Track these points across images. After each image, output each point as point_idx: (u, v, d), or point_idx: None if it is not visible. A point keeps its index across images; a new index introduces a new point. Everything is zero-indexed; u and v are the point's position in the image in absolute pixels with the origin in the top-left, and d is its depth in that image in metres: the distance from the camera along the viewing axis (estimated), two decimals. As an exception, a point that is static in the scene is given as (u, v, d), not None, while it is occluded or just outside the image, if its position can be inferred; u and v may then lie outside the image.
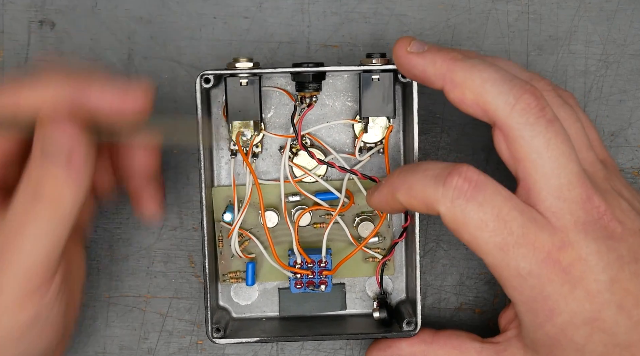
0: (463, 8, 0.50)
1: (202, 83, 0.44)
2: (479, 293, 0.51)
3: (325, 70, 0.44)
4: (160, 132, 0.43)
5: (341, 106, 0.47)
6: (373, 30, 0.50)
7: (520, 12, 0.50)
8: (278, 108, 0.47)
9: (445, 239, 0.51)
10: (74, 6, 0.50)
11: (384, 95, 0.45)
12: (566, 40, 0.50)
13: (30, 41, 0.50)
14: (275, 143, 0.48)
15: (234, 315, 0.49)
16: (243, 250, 0.48)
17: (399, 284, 0.49)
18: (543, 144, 0.39)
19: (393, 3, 0.50)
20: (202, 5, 0.50)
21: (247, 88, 0.44)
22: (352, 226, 0.48)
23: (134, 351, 0.51)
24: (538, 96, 0.39)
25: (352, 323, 0.48)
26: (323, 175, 0.47)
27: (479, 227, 0.38)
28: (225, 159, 0.48)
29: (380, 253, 0.48)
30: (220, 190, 0.47)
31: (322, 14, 0.50)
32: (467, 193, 0.38)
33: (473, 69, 0.40)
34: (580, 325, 0.39)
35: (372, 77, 0.45)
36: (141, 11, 0.50)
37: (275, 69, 0.45)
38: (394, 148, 0.48)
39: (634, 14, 0.50)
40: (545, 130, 0.39)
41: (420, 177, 0.40)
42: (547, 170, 0.39)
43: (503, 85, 0.39)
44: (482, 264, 0.51)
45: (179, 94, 0.50)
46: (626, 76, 0.50)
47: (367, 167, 0.48)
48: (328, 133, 0.48)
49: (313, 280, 0.47)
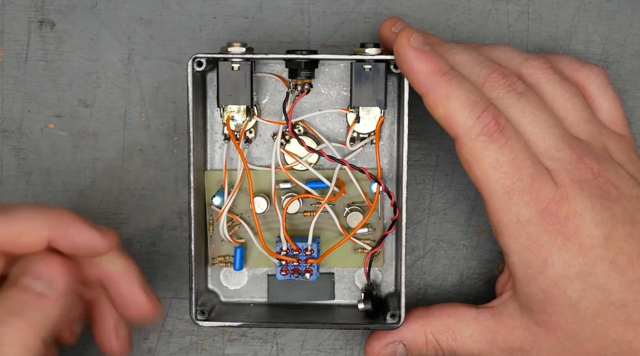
0: (463, 8, 0.50)
1: (194, 66, 0.44)
2: (479, 293, 0.51)
3: (316, 58, 0.44)
4: None
5: (336, 95, 0.47)
6: (373, 30, 0.50)
7: (520, 12, 0.50)
8: (273, 94, 0.47)
9: (445, 239, 0.51)
10: (74, 6, 0.50)
11: (375, 86, 0.44)
12: (566, 40, 0.50)
13: (30, 41, 0.50)
14: (270, 130, 0.48)
15: (222, 299, 0.49)
16: (233, 234, 0.47)
17: (389, 276, 0.49)
18: (519, 112, 0.42)
19: (393, 3, 0.50)
20: (202, 5, 0.50)
21: (239, 73, 0.44)
22: (342, 216, 0.48)
23: (134, 351, 0.51)
24: (506, 74, 0.42)
25: (340, 313, 0.48)
26: (315, 163, 0.47)
27: (493, 165, 0.40)
28: (219, 143, 0.48)
29: (370, 244, 0.47)
30: (213, 174, 0.48)
31: (322, 14, 0.50)
32: (493, 134, 0.40)
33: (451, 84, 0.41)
34: (573, 279, 0.40)
35: (365, 67, 0.44)
36: (141, 11, 0.50)
37: (267, 55, 0.44)
38: (388, 139, 0.47)
39: (634, 14, 0.50)
40: (517, 101, 0.42)
41: (463, 94, 0.40)
42: (530, 136, 0.41)
43: (473, 68, 0.43)
44: (482, 264, 0.51)
45: (179, 94, 0.50)
46: (626, 76, 0.50)
47: (359, 157, 0.48)
48: (322, 121, 0.48)
49: (298, 268, 0.46)
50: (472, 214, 0.51)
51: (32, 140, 0.51)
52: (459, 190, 0.51)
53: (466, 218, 0.51)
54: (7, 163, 0.51)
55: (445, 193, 0.51)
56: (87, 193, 0.51)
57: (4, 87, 0.51)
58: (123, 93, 0.50)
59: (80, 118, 0.51)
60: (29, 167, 0.51)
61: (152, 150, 0.51)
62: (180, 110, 0.50)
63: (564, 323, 0.41)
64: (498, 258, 0.51)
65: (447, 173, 0.50)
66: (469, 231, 0.51)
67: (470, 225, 0.51)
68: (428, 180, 0.50)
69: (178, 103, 0.50)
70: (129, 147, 0.51)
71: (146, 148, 0.51)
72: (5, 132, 0.51)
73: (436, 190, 0.51)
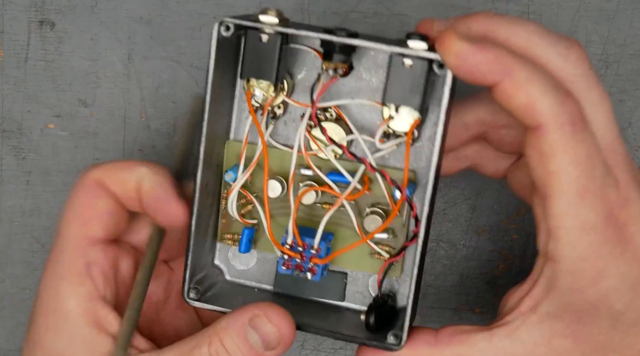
0: (463, 8, 0.50)
1: (220, 30, 0.39)
2: (479, 293, 0.51)
3: (352, 43, 0.38)
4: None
5: (378, 83, 0.41)
6: (373, 30, 0.50)
7: (520, 12, 0.50)
8: (310, 70, 0.42)
9: (445, 239, 0.51)
10: (74, 6, 0.50)
11: (413, 84, 0.39)
12: (566, 40, 0.50)
13: (30, 41, 0.50)
14: (301, 109, 0.42)
15: (227, 277, 0.45)
16: (246, 214, 0.43)
17: (405, 289, 0.43)
18: (597, 97, 0.37)
19: (393, 3, 0.50)
20: (202, 5, 0.50)
21: (268, 45, 0.39)
22: (364, 216, 0.42)
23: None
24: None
25: (346, 318, 0.44)
26: (342, 154, 0.41)
27: (573, 162, 0.35)
28: (247, 113, 0.43)
29: (389, 252, 0.42)
30: (234, 145, 0.43)
31: (322, 14, 0.50)
32: (576, 124, 0.35)
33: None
34: (626, 291, 0.37)
35: (404, 62, 0.38)
36: (141, 11, 0.50)
37: (301, 31, 0.39)
38: (428, 141, 0.41)
39: (634, 14, 0.50)
40: (597, 82, 0.37)
41: (543, 77, 0.35)
42: (600, 125, 0.37)
43: (549, 38, 0.37)
44: (482, 264, 0.51)
45: (179, 94, 0.50)
46: (626, 76, 0.50)
47: (392, 156, 0.42)
48: (358, 109, 0.42)
49: (302, 265, 0.42)
50: (472, 214, 0.51)
51: (32, 140, 0.51)
52: (459, 190, 0.51)
53: (466, 218, 0.51)
54: (7, 163, 0.51)
55: (445, 193, 0.51)
56: (87, 193, 0.51)
57: (4, 87, 0.51)
58: (123, 94, 0.51)
59: (80, 118, 0.51)
60: (29, 167, 0.51)
61: (152, 150, 0.51)
62: (180, 110, 0.50)
63: (596, 334, 0.37)
64: (498, 258, 0.51)
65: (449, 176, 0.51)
66: (469, 231, 0.51)
67: (470, 225, 0.51)
68: (428, 180, 0.50)
69: (178, 103, 0.50)
70: (129, 147, 0.51)
71: (146, 148, 0.51)
72: (5, 132, 0.51)
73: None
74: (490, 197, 0.50)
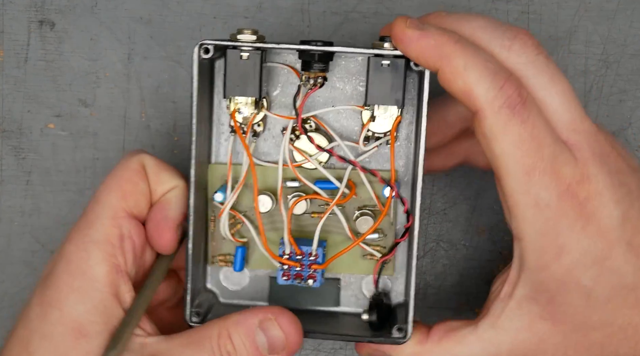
0: (463, 8, 0.50)
1: (200, 53, 0.41)
2: (479, 293, 0.51)
3: (331, 50, 0.41)
4: None
5: (352, 90, 0.44)
6: (373, 30, 0.50)
7: (520, 11, 0.50)
8: (285, 86, 0.44)
9: (445, 239, 0.51)
10: (74, 6, 0.50)
11: (393, 83, 0.41)
12: (566, 40, 0.50)
13: (30, 41, 0.50)
14: (280, 124, 0.44)
15: (221, 300, 0.46)
16: (235, 233, 0.45)
17: (399, 286, 0.45)
18: (547, 79, 0.38)
19: (393, 3, 0.50)
20: (202, 5, 0.50)
21: (248, 62, 0.41)
22: (352, 219, 0.44)
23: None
24: (531, 35, 0.39)
25: (344, 321, 0.45)
26: (325, 162, 0.44)
27: (514, 143, 0.37)
28: (226, 135, 0.44)
29: (380, 251, 0.44)
30: (217, 168, 0.44)
31: (322, 14, 0.50)
32: (516, 106, 0.37)
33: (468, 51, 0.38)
34: (589, 265, 0.37)
35: (382, 63, 0.41)
36: (141, 11, 0.50)
37: (279, 45, 0.41)
38: (405, 140, 0.44)
39: (634, 14, 0.50)
40: (547, 65, 0.39)
41: (481, 62, 0.37)
42: (555, 106, 0.38)
43: (495, 31, 0.39)
44: (482, 264, 0.51)
45: (179, 94, 0.50)
46: (626, 76, 0.50)
47: (373, 158, 0.44)
48: (336, 118, 0.44)
49: (301, 273, 0.43)
50: (472, 214, 0.51)
51: (32, 140, 0.51)
52: (459, 190, 0.51)
53: (466, 218, 0.51)
54: (7, 163, 0.51)
55: (445, 193, 0.51)
56: (87, 193, 0.51)
57: (4, 87, 0.51)
58: (123, 94, 0.51)
59: (80, 118, 0.51)
60: (29, 167, 0.51)
61: (152, 150, 0.51)
62: (180, 110, 0.50)
63: (572, 314, 0.38)
64: (498, 258, 0.51)
65: (447, 173, 0.50)
66: (469, 231, 0.51)
67: (470, 225, 0.51)
68: (428, 180, 0.50)
69: (178, 103, 0.50)
70: (129, 147, 0.51)
71: (146, 148, 0.51)
72: (5, 132, 0.51)
73: (436, 190, 0.51)
74: (490, 197, 0.50)
